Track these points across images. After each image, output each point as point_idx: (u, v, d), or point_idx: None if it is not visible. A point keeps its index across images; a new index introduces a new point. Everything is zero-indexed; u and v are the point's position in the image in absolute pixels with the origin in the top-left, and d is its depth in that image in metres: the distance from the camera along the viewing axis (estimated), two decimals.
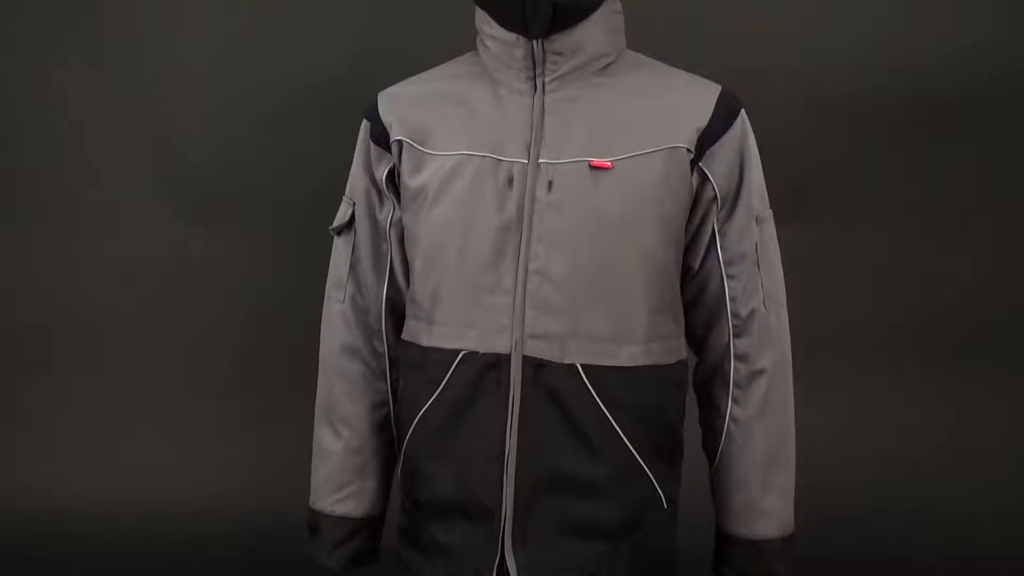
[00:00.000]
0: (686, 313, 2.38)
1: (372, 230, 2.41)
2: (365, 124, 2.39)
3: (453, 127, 2.27)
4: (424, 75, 2.42)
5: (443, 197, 2.23)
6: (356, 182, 2.41)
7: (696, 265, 2.33)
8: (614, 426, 2.20)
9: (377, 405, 2.45)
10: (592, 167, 2.17)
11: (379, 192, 2.38)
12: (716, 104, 2.27)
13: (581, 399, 2.19)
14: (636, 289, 2.22)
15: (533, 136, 2.21)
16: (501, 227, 2.20)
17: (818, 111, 3.65)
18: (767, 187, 2.38)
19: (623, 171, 2.19)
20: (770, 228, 2.35)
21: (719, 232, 2.30)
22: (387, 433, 2.46)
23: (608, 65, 2.30)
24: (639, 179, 2.20)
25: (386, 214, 2.38)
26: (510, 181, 2.19)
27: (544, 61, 2.24)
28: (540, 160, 2.19)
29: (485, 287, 2.20)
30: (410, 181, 2.29)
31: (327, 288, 2.46)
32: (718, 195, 2.28)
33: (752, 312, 2.32)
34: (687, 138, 2.23)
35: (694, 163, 2.25)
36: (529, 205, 2.18)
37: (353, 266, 2.41)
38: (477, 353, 2.21)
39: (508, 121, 2.24)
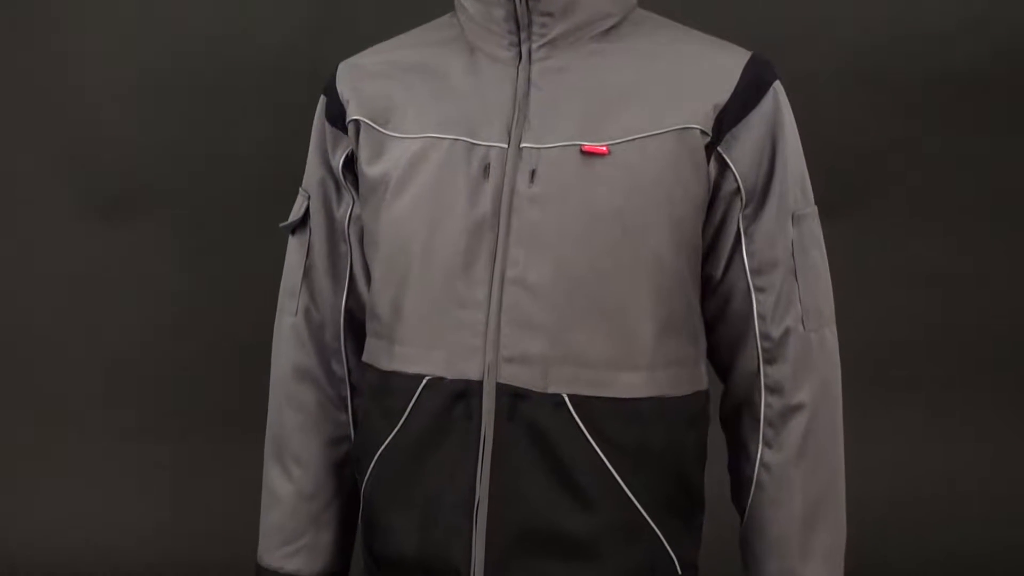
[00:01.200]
0: (708, 333, 2.14)
1: (328, 228, 2.21)
2: (322, 101, 2.20)
3: (421, 104, 2.08)
4: (393, 41, 2.23)
5: (406, 189, 2.04)
6: (311, 170, 2.23)
7: (718, 274, 2.09)
8: (610, 471, 1.98)
9: (335, 440, 2.23)
10: (584, 153, 1.97)
11: (336, 182, 2.20)
12: (742, 74, 2.03)
13: (569, 437, 1.97)
14: (639, 303, 2.00)
15: (515, 115, 2.02)
16: (473, 226, 2.00)
17: (865, 86, 3.35)
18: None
19: (622, 158, 1.98)
20: (812, 228, 2.11)
21: (745, 233, 2.06)
22: (349, 474, 2.24)
23: (611, 28, 2.09)
24: (641, 168, 1.98)
25: (344, 209, 2.20)
26: (486, 169, 2.00)
27: (530, 24, 2.04)
28: (522, 144, 2.00)
29: (454, 299, 2.00)
30: (369, 169, 2.10)
31: (279, 298, 2.26)
32: (742, 188, 2.04)
33: (787, 332, 2.06)
34: (702, 117, 2.00)
35: (711, 148, 2.02)
36: (507, 199, 1.99)
37: (307, 271, 2.22)
38: (444, 379, 2.00)
39: (486, 97, 2.05)
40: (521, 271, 1.98)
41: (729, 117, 2.02)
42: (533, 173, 1.98)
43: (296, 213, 2.23)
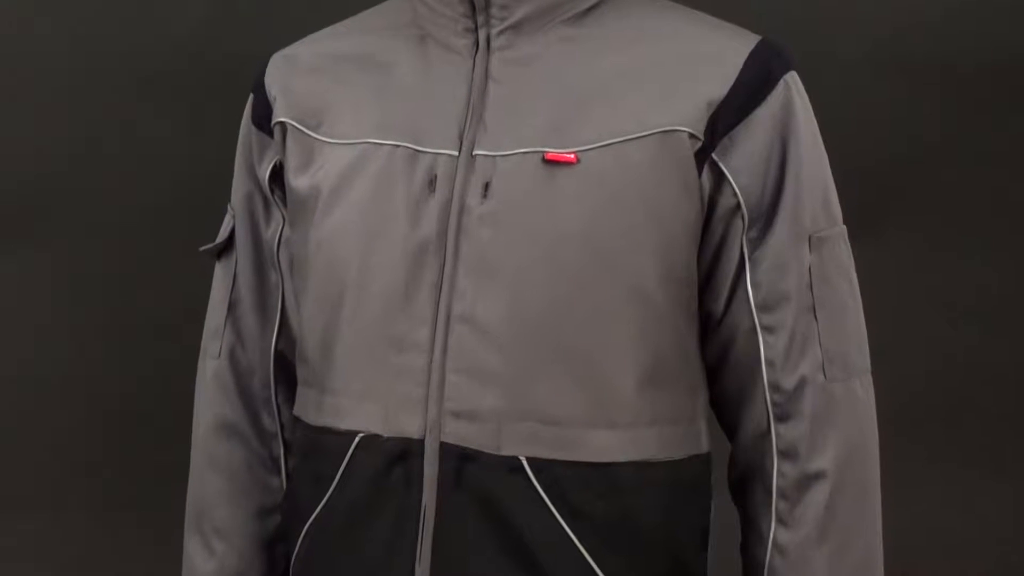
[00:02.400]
0: (710, 382, 1.95)
1: (255, 253, 2.06)
2: (250, 100, 2.07)
3: (360, 104, 1.94)
4: (336, 28, 2.09)
5: (337, 206, 1.89)
6: (237, 184, 2.09)
7: (718, 311, 1.90)
8: (581, 552, 1.80)
9: (265, 510, 2.07)
10: (547, 161, 1.81)
11: (264, 198, 2.05)
12: (745, 64, 1.85)
13: (528, 509, 1.80)
14: (616, 345, 1.82)
15: (469, 116, 1.86)
16: (415, 250, 1.84)
17: (900, 80, 3.08)
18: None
19: (593, 167, 1.81)
20: (836, 254, 1.91)
21: (750, 260, 1.87)
22: (282, 549, 2.08)
23: (590, 9, 1.92)
24: (617, 179, 1.81)
25: (274, 230, 2.05)
26: (431, 182, 1.85)
27: (488, 5, 1.87)
28: (476, 151, 1.84)
29: (392, 340, 1.85)
30: (296, 181, 1.95)
31: (203, 338, 2.11)
32: (743, 204, 1.85)
33: (802, 383, 1.85)
34: (692, 117, 1.82)
35: (704, 155, 1.83)
36: (456, 218, 1.83)
37: (232, 306, 2.07)
38: (379, 437, 1.84)
39: (436, 94, 1.90)
40: (469, 306, 1.82)
41: (726, 116, 1.84)
42: (487, 187, 1.83)
43: (221, 235, 2.08)
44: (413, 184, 1.84)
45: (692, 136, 1.81)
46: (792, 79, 1.86)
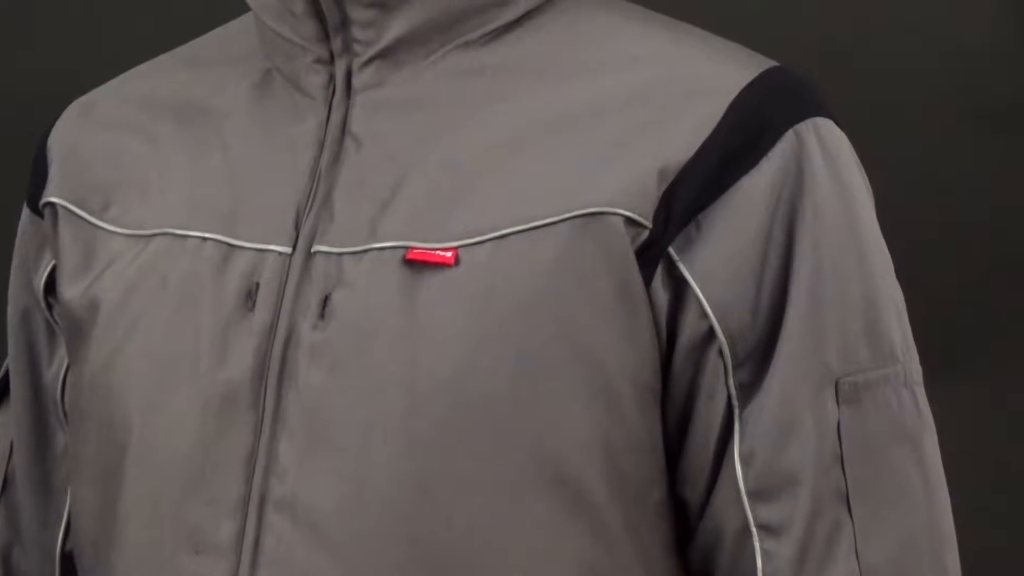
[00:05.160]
0: None
1: (34, 404, 1.71)
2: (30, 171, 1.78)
3: (168, 174, 1.60)
4: (165, 58, 1.77)
5: (117, 331, 1.54)
6: (12, 299, 1.77)
7: (696, 500, 1.48)
8: None
9: None
10: (410, 262, 1.44)
11: (44, 318, 1.71)
12: (731, 107, 1.43)
13: None
14: (517, 551, 1.46)
15: (313, 193, 1.50)
16: (220, 402, 1.49)
17: (986, 137, 2.78)
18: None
19: (479, 272, 1.45)
20: (893, 407, 1.47)
21: (739, 419, 1.44)
22: None
23: (516, 22, 1.53)
24: (516, 291, 1.44)
25: (57, 368, 1.69)
26: (250, 295, 1.49)
27: (346, 21, 1.49)
28: (316, 247, 1.48)
29: (183, 536, 1.50)
30: (69, 291, 1.60)
31: None
32: (718, 330, 1.42)
33: None
34: (634, 191, 1.42)
35: (654, 251, 1.42)
36: (280, 352, 1.47)
37: (7, 484, 1.75)
38: None
39: (271, 160, 1.54)
40: (292, 489, 1.45)
41: (690, 190, 1.41)
42: (325, 302, 1.44)
43: None
44: (224, 297, 1.48)
45: (631, 222, 1.38)
46: (812, 130, 1.42)
